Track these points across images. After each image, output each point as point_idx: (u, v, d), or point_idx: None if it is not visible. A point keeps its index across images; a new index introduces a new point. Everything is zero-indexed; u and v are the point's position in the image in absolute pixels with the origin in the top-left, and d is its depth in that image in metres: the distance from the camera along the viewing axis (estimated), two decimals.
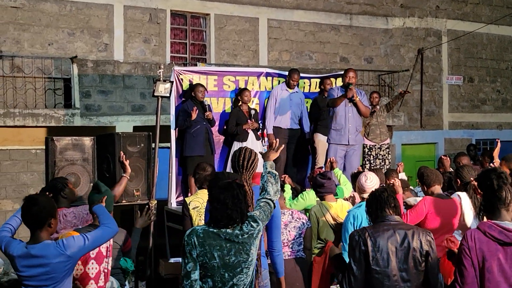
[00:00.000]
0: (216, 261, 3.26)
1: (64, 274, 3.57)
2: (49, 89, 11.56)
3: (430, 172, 5.25)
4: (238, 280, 3.30)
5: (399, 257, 3.50)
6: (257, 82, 8.96)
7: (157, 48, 12.83)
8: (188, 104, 8.00)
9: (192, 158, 7.88)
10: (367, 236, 3.54)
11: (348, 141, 7.87)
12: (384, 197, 3.67)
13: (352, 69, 8.06)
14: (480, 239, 3.31)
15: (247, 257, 3.32)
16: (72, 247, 3.56)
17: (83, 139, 6.32)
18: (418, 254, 3.52)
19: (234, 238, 3.30)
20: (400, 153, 15.35)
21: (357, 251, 3.54)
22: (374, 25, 15.38)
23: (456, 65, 16.52)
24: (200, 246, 3.26)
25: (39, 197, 3.72)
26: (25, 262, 3.55)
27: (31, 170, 11.49)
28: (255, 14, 13.86)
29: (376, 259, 3.49)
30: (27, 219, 3.64)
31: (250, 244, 3.34)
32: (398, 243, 3.52)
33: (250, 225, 3.37)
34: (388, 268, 3.49)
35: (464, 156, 7.84)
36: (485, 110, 17.09)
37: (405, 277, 3.50)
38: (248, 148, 4.24)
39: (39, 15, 11.71)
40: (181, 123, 7.99)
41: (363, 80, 14.42)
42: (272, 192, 3.68)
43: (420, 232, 3.59)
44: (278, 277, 4.33)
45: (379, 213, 3.66)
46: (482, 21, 16.54)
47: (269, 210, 3.59)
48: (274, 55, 14.13)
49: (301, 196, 6.21)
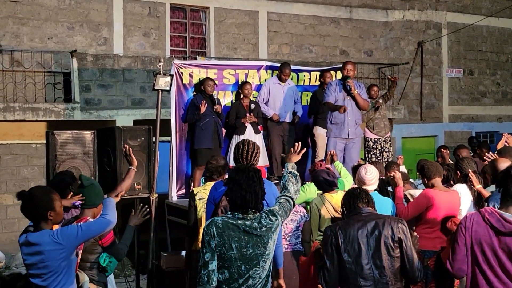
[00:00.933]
0: (234, 252, 3.28)
1: (60, 263, 3.59)
2: (49, 83, 11.56)
3: (431, 164, 5.26)
4: (254, 272, 3.31)
5: (370, 245, 3.58)
6: (257, 75, 8.97)
7: (156, 42, 12.82)
8: (198, 98, 8.10)
9: (201, 150, 7.99)
10: (338, 229, 3.63)
11: (348, 134, 7.87)
12: (356, 192, 3.81)
13: (350, 62, 8.06)
14: (478, 222, 3.37)
15: (264, 250, 3.33)
16: (66, 235, 3.59)
17: (84, 133, 6.33)
18: (390, 240, 3.57)
19: (252, 230, 3.32)
20: (400, 146, 15.36)
21: (329, 246, 3.62)
22: (374, 18, 15.35)
23: (456, 58, 16.50)
24: (218, 236, 3.28)
25: (36, 191, 3.72)
26: (26, 250, 3.62)
27: (31, 165, 11.50)
28: (254, 7, 13.84)
29: (347, 250, 3.57)
30: (25, 213, 3.69)
31: (268, 238, 3.35)
32: (369, 231, 3.60)
33: (269, 218, 3.38)
34: (359, 258, 3.56)
35: (464, 149, 7.85)
36: (485, 102, 17.09)
37: (378, 264, 3.56)
38: (251, 141, 4.28)
39: (38, 9, 11.69)
40: (190, 117, 8.11)
41: (363, 73, 14.41)
42: (292, 191, 3.70)
43: (392, 220, 3.67)
44: (277, 268, 4.37)
45: (352, 208, 3.78)
46: (482, 13, 16.51)
47: (288, 207, 3.60)
48: (274, 48, 14.11)
49: (301, 189, 6.21)
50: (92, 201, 4.20)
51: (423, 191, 5.17)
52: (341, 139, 7.90)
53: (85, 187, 4.22)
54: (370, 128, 9.11)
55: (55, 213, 3.69)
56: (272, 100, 8.62)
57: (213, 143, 8.07)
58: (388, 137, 9.20)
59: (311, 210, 5.55)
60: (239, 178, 3.35)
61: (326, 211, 5.48)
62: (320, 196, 5.66)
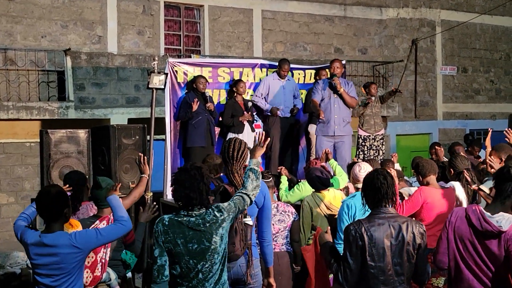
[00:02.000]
0: (180, 248, 3.43)
1: (74, 266, 3.60)
2: (42, 82, 11.52)
3: (426, 162, 5.27)
4: (203, 267, 3.44)
5: (394, 252, 3.50)
6: (252, 74, 8.95)
7: (151, 40, 12.79)
8: (190, 95, 8.06)
9: (194, 149, 7.97)
10: (364, 231, 3.51)
11: (334, 132, 7.84)
12: (384, 190, 3.57)
13: (337, 60, 8.06)
14: (461, 218, 3.48)
15: (209, 245, 3.44)
16: (84, 239, 3.60)
17: (78, 131, 6.31)
18: (411, 247, 3.51)
19: (195, 226, 3.44)
20: (394, 144, 15.40)
21: (353, 246, 3.52)
22: (368, 16, 15.37)
23: (450, 56, 16.55)
24: (165, 233, 3.46)
25: (53, 189, 3.73)
26: (37, 250, 3.59)
27: (25, 163, 11.46)
28: (249, 5, 13.83)
29: (372, 254, 3.48)
30: (42, 212, 3.67)
31: (212, 233, 3.46)
32: (393, 237, 3.50)
33: (213, 214, 3.50)
34: (383, 263, 3.48)
35: (459, 146, 7.87)
36: (478, 100, 17.15)
37: (399, 271, 3.50)
38: (238, 139, 4.27)
39: (32, 7, 11.64)
40: (182, 115, 8.06)
41: (357, 71, 14.44)
42: (250, 187, 3.75)
43: (413, 224, 3.57)
44: (267, 267, 4.39)
45: (376, 205, 3.61)
46: (476, 11, 16.56)
47: (242, 203, 3.67)
48: (269, 46, 14.11)
49: (297, 187, 6.22)
50: None
51: (418, 189, 5.18)
52: (328, 137, 7.89)
53: (103, 188, 4.36)
54: (360, 125, 9.14)
55: (69, 211, 3.74)
56: (272, 96, 8.61)
57: (206, 141, 8.04)
58: (380, 135, 9.19)
59: (303, 209, 5.55)
60: (182, 178, 3.51)
61: (319, 210, 5.49)
62: (312, 194, 5.66)
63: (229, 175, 4.16)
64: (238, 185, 4.07)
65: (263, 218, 4.33)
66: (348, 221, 4.90)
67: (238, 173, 4.14)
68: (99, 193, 4.38)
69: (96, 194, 4.43)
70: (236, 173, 4.13)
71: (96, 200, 4.48)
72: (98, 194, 4.41)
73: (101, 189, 4.37)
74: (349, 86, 8.02)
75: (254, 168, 3.85)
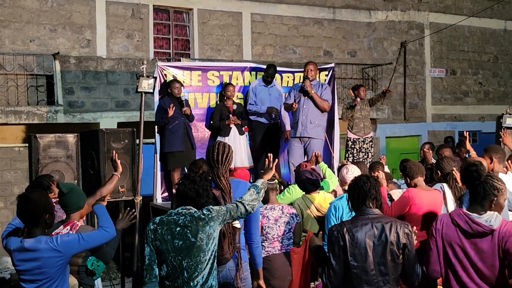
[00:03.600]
0: (167, 245, 3.50)
1: (57, 270, 3.59)
2: (31, 86, 11.47)
3: (413, 164, 5.32)
4: (187, 264, 3.48)
5: (377, 252, 3.52)
6: (241, 77, 8.97)
7: (140, 44, 12.78)
8: (165, 100, 7.96)
9: (173, 153, 7.89)
10: (345, 231, 3.55)
11: (301, 133, 7.81)
12: (366, 188, 3.64)
13: (311, 62, 8.07)
14: (448, 225, 3.49)
15: (194, 241, 3.48)
16: (65, 243, 3.60)
17: (67, 136, 6.30)
18: (395, 247, 3.53)
19: (183, 222, 3.52)
20: (384, 146, 15.47)
21: (336, 247, 3.56)
22: (357, 18, 15.44)
23: (438, 58, 16.66)
24: (154, 231, 3.56)
25: (33, 194, 3.71)
26: (20, 256, 3.59)
27: (14, 168, 11.40)
28: (238, 9, 13.84)
29: (354, 255, 3.51)
30: (22, 217, 3.66)
31: (198, 229, 3.50)
32: (376, 237, 3.52)
33: (201, 212, 3.57)
34: (366, 263, 3.51)
35: (446, 148, 7.92)
36: (467, 102, 17.27)
37: (383, 271, 3.52)
38: (222, 142, 4.28)
39: (20, 11, 11.59)
40: (158, 120, 7.97)
41: (346, 74, 14.49)
42: (247, 198, 3.78)
43: (398, 224, 3.59)
44: (256, 269, 4.37)
45: (359, 205, 3.66)
46: (464, 13, 16.69)
47: (235, 210, 3.70)
48: (258, 49, 14.14)
49: (287, 191, 6.23)
50: (75, 205, 4.26)
51: (405, 190, 5.23)
52: (296, 139, 7.88)
53: (65, 194, 4.24)
54: (350, 128, 9.18)
55: (51, 216, 3.71)
56: (260, 102, 8.63)
57: (185, 146, 7.96)
58: (369, 138, 9.25)
59: None
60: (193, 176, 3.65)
61: (309, 212, 5.51)
62: (302, 196, 5.68)
63: (215, 179, 4.15)
64: (225, 189, 4.08)
65: (251, 220, 4.29)
66: (335, 222, 4.93)
67: (224, 176, 4.15)
68: (63, 199, 4.25)
69: (61, 201, 4.28)
70: (222, 177, 4.14)
71: (63, 207, 4.33)
72: (62, 200, 4.26)
73: (64, 195, 4.24)
74: (323, 88, 7.98)
75: (257, 185, 3.89)
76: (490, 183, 3.47)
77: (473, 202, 3.50)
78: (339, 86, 13.03)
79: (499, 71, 17.80)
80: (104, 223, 3.91)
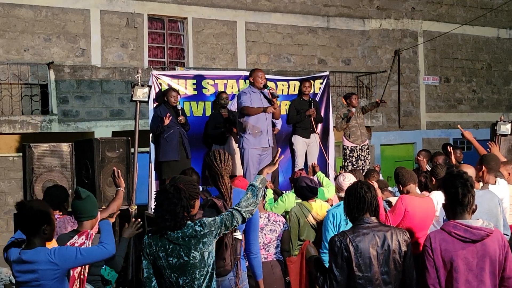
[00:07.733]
0: (162, 262, 3.47)
1: (54, 283, 3.56)
2: (25, 95, 11.45)
3: (405, 171, 5.34)
4: (184, 282, 3.43)
5: (381, 261, 3.50)
6: (236, 85, 8.97)
7: (134, 53, 12.79)
8: (161, 109, 7.94)
9: (168, 163, 7.85)
10: (349, 242, 3.50)
11: (268, 143, 7.50)
12: (368, 199, 3.59)
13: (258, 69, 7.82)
14: (446, 240, 3.37)
15: (187, 260, 3.42)
16: (63, 256, 3.57)
17: (61, 145, 6.29)
18: (397, 255, 3.53)
19: (175, 240, 3.45)
20: (379, 154, 15.50)
21: (339, 257, 3.51)
22: (351, 27, 15.51)
23: (432, 66, 16.74)
24: (149, 246, 3.52)
25: (32, 203, 3.68)
26: (18, 268, 3.57)
27: (8, 178, 11.35)
28: (232, 18, 13.89)
29: (359, 265, 3.48)
30: (20, 226, 3.64)
31: (190, 248, 3.42)
32: (379, 246, 3.51)
33: (193, 228, 3.46)
34: (370, 273, 3.48)
35: (441, 156, 7.94)
36: (461, 109, 17.34)
37: (387, 280, 3.51)
38: (219, 150, 4.24)
39: (14, 20, 11.59)
40: (154, 129, 7.94)
41: (341, 82, 14.54)
42: (243, 204, 3.67)
43: (397, 232, 3.59)
44: (256, 280, 4.32)
45: (358, 215, 3.62)
46: (457, 22, 16.79)
47: (230, 219, 3.60)
48: (253, 58, 14.17)
49: (280, 199, 6.23)
50: (90, 213, 4.26)
51: (399, 198, 5.24)
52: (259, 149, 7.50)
53: (83, 199, 4.24)
54: (347, 136, 9.19)
55: (50, 228, 3.66)
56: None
57: (180, 155, 7.91)
58: (366, 145, 9.28)
59: (290, 219, 5.56)
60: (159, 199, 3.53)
61: (306, 220, 5.50)
62: (299, 204, 5.68)
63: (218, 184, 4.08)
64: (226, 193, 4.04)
65: (250, 230, 4.24)
66: (333, 230, 4.93)
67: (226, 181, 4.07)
68: (79, 204, 4.23)
69: (76, 205, 4.25)
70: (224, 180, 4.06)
71: (76, 212, 4.29)
72: (78, 204, 4.23)
73: (81, 200, 4.22)
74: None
75: (254, 185, 3.76)
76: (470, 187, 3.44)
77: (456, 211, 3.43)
78: (333, 94, 13.05)
79: (493, 78, 17.89)
80: (105, 239, 3.86)
